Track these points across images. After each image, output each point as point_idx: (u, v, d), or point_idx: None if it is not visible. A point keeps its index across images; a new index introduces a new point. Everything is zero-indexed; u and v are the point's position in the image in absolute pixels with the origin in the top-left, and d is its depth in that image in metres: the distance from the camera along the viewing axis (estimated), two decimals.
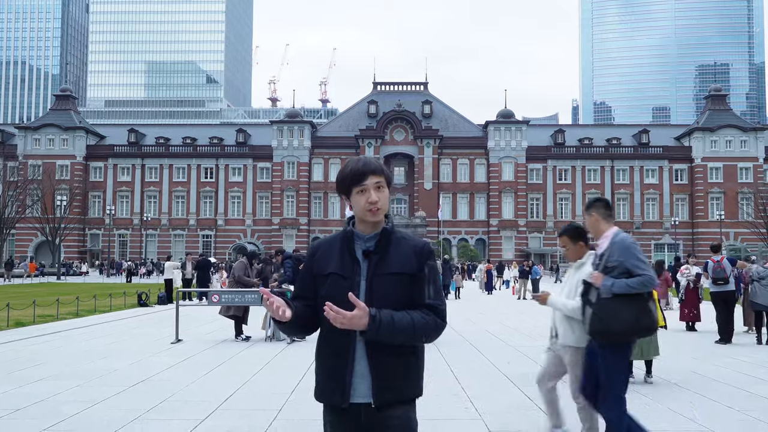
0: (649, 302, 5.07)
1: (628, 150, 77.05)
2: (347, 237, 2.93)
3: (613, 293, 4.96)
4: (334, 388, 2.86)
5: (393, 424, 2.84)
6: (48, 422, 6.74)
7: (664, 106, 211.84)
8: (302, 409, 7.39)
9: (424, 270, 2.91)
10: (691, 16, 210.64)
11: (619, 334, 4.99)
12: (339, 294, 2.81)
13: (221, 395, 8.11)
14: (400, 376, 2.87)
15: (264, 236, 76.54)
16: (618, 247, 5.11)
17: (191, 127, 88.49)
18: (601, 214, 5.43)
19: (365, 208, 2.88)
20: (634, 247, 5.14)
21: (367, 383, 2.82)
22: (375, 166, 2.92)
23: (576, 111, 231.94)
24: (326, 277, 2.89)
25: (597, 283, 5.06)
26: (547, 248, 75.50)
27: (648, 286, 4.98)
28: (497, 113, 77.62)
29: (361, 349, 2.83)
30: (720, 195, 74.11)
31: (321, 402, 2.96)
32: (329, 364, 2.89)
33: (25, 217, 64.98)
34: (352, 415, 2.85)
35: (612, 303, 4.97)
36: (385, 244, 2.89)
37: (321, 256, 2.95)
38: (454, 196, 76.52)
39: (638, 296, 5.00)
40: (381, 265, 2.86)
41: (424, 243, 2.98)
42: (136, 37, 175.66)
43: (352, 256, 2.89)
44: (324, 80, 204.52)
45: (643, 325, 5.00)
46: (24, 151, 75.41)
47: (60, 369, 10.11)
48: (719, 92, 79.69)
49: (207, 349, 12.61)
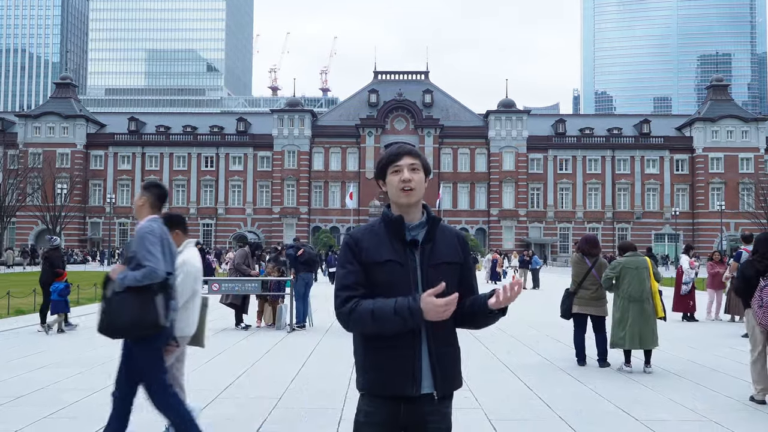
0: (158, 296, 4.67)
1: (629, 140, 76.91)
2: (396, 223, 2.86)
3: (126, 286, 4.62)
4: (403, 377, 2.79)
5: (434, 419, 2.85)
6: (49, 409, 6.75)
7: (666, 96, 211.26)
8: (302, 398, 7.41)
9: (468, 259, 2.99)
10: (693, 6, 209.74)
11: (123, 329, 4.67)
12: (398, 281, 2.80)
13: (221, 384, 8.13)
14: (455, 366, 2.94)
15: (264, 225, 76.55)
16: (136, 237, 4.78)
17: (191, 116, 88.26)
18: (151, 199, 4.99)
19: (398, 188, 2.87)
20: (149, 237, 4.72)
21: (426, 374, 2.82)
22: (410, 149, 2.95)
23: (577, 101, 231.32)
24: (382, 265, 2.83)
25: (113, 276, 4.71)
26: (548, 238, 75.55)
27: (153, 278, 4.61)
28: (498, 103, 77.44)
29: (423, 340, 2.83)
30: (721, 185, 74.03)
31: (379, 393, 2.84)
32: (395, 353, 2.80)
33: (26, 206, 64.90)
34: (392, 406, 2.82)
35: (122, 297, 4.64)
36: (433, 233, 2.89)
37: (368, 243, 2.87)
38: (455, 185, 76.44)
39: (146, 290, 4.63)
40: (434, 255, 2.85)
41: (461, 231, 3.01)
42: (137, 25, 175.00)
43: (404, 242, 2.86)
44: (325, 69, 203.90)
45: (147, 321, 4.62)
46: (24, 140, 75.31)
47: (61, 357, 10.13)
48: (721, 82, 79.46)
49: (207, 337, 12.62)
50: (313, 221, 76.16)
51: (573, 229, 74.99)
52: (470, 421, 6.44)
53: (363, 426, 2.87)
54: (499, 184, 75.65)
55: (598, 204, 76.29)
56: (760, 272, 7.37)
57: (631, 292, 9.24)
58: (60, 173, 71.12)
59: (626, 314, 9.21)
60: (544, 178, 76.52)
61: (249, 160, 77.33)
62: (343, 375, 8.62)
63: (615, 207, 76.07)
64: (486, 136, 76.17)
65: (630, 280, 9.28)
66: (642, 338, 9.14)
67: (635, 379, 8.74)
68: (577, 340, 9.83)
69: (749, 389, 7.66)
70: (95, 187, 77.15)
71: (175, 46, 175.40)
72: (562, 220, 76.25)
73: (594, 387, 8.18)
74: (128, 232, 76.71)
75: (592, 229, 73.30)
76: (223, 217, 77.24)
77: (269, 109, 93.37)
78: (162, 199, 5.07)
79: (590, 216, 75.98)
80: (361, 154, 76.15)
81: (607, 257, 12.85)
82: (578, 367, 9.59)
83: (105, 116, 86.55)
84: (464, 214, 75.96)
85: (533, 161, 76.67)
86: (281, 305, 14.24)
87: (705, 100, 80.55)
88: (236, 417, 6.59)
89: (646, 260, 9.54)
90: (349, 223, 70.99)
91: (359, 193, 72.58)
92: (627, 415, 6.79)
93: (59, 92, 79.72)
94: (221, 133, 78.15)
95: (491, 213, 75.84)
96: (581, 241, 10.23)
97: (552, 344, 12.02)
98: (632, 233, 73.28)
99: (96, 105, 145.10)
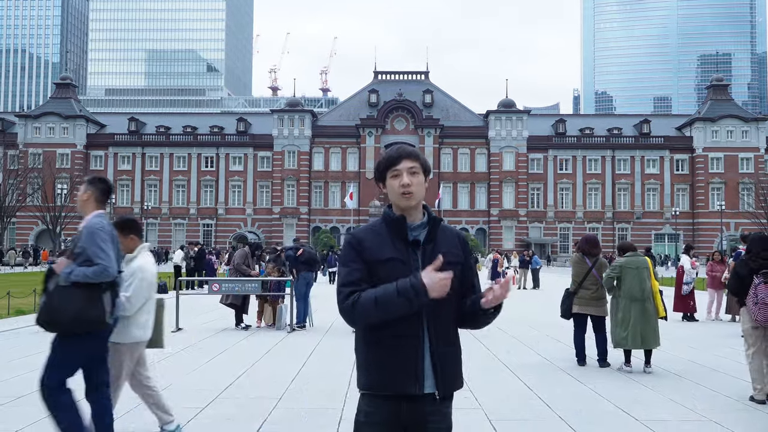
0: (105, 294, 4.65)
1: (629, 140, 76.92)
2: (398, 223, 2.88)
3: (71, 281, 4.55)
4: (407, 376, 2.78)
5: (435, 419, 2.84)
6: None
7: (666, 96, 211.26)
8: (302, 398, 7.41)
9: (469, 258, 3.00)
10: (693, 6, 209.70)
11: (64, 324, 4.59)
12: (401, 278, 2.78)
13: (221, 384, 8.13)
14: (456, 366, 2.94)
15: (264, 225, 76.55)
16: (85, 233, 4.69)
17: (192, 116, 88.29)
18: (96, 194, 4.93)
19: (398, 192, 2.88)
20: (100, 234, 4.65)
21: (428, 374, 2.82)
22: (410, 152, 2.94)
23: (577, 101, 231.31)
24: (384, 263, 2.83)
25: (58, 270, 4.62)
26: (548, 238, 75.56)
27: (104, 277, 4.58)
28: (498, 103, 77.45)
29: (426, 339, 2.82)
30: (721, 185, 74.03)
31: (381, 392, 2.83)
32: (398, 351, 2.80)
33: (26, 206, 64.86)
34: (393, 405, 2.81)
35: (65, 292, 4.56)
36: (434, 234, 2.91)
37: (371, 243, 2.88)
38: (455, 185, 76.45)
39: (95, 286, 4.60)
40: (435, 255, 2.83)
41: (461, 231, 3.01)
42: (137, 25, 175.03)
43: (406, 241, 2.87)
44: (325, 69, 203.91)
45: (92, 317, 4.58)
46: (24, 140, 75.33)
47: None
48: (721, 82, 79.47)
49: (207, 337, 12.63)
50: (313, 221, 76.18)
51: (573, 229, 75.01)
52: (470, 421, 6.44)
53: (363, 426, 2.85)
54: (499, 184, 75.65)
55: (598, 204, 76.29)
56: (753, 270, 7.43)
57: (632, 292, 9.25)
58: (60, 173, 71.08)
59: (628, 314, 9.21)
60: (544, 178, 76.52)
61: (249, 160, 77.33)
62: (344, 375, 8.62)
63: (615, 207, 76.07)
64: (486, 136, 76.16)
65: (631, 280, 9.29)
66: (644, 338, 9.15)
67: (635, 379, 8.73)
68: (577, 340, 9.83)
69: (749, 389, 7.66)
70: None
71: (175, 46, 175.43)
72: (562, 220, 76.26)
73: (594, 387, 8.18)
74: None
75: (592, 229, 73.32)
76: (223, 218, 77.23)
77: (269, 109, 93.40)
78: (106, 193, 5.00)
79: (590, 216, 75.98)
80: (361, 154, 76.14)
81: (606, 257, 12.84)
82: (578, 367, 9.59)
83: (105, 116, 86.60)
84: (464, 214, 75.95)
85: (533, 161, 76.66)
86: (281, 305, 14.23)
87: (705, 100, 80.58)
88: (236, 417, 6.59)
89: (646, 260, 9.55)
90: (349, 224, 70.99)
91: (359, 194, 72.58)
92: (627, 415, 6.79)
93: (59, 92, 79.74)
94: (221, 134, 78.15)
95: (491, 213, 75.84)
96: (581, 240, 10.24)
97: (552, 344, 12.02)
98: (632, 233, 73.27)
99: (96, 105, 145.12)
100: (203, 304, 18.61)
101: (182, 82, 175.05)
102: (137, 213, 75.76)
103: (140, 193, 76.93)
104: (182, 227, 76.82)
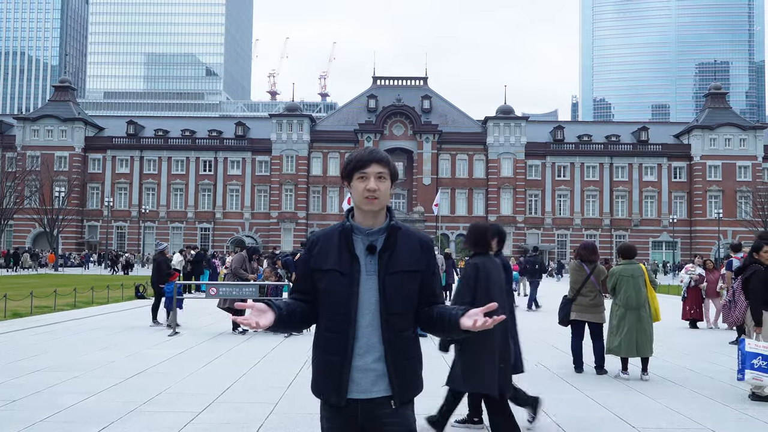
0: None
1: (627, 147, 76.98)
2: (346, 232, 2.87)
3: None
4: (330, 385, 2.80)
5: (392, 421, 2.80)
6: (45, 413, 6.73)
7: (664, 103, 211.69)
8: (298, 403, 7.40)
9: (431, 266, 2.93)
10: (691, 14, 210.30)
11: None
12: (338, 290, 2.80)
13: (218, 388, 8.11)
14: (413, 373, 2.88)
15: (262, 230, 76.48)
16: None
17: (190, 120, 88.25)
18: None
19: (363, 195, 2.84)
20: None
21: (370, 378, 2.78)
22: (380, 156, 2.89)
23: (575, 107, 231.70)
24: (324, 273, 2.84)
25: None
26: (546, 245, 75.55)
27: None
28: (496, 109, 77.51)
29: (364, 345, 2.78)
30: (718, 193, 74.11)
31: (317, 398, 2.90)
32: (325, 359, 2.83)
33: (23, 208, 64.79)
34: (350, 410, 2.80)
35: None
36: (393, 241, 2.85)
37: (319, 250, 2.88)
38: (453, 191, 76.47)
39: None
40: (392, 263, 2.81)
41: (427, 237, 2.96)
42: (136, 28, 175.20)
43: (351, 252, 2.83)
44: (323, 74, 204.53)
45: None
46: (22, 142, 75.24)
47: (57, 360, 10.10)
48: (719, 90, 79.56)
49: (204, 341, 12.61)
50: (311, 226, 76.06)
51: (571, 236, 75.04)
52: (466, 428, 6.42)
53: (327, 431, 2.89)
54: (497, 190, 75.69)
55: (596, 211, 76.34)
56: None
57: (628, 301, 9.27)
58: (58, 176, 71.09)
59: (623, 322, 9.24)
60: (542, 184, 76.57)
61: (247, 164, 77.29)
62: None
63: (613, 214, 76.11)
64: (484, 142, 76.23)
65: (627, 288, 9.32)
66: (638, 346, 9.16)
67: (632, 387, 8.73)
68: (575, 346, 9.82)
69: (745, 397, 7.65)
70: (93, 190, 77.05)
71: (174, 50, 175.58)
72: (559, 227, 76.29)
73: (591, 394, 8.17)
74: (126, 235, 76.73)
75: (589, 236, 73.35)
76: (220, 222, 77.16)
77: (268, 113, 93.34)
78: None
79: (588, 223, 76.03)
80: None
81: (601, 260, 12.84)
82: (575, 374, 9.59)
83: (103, 120, 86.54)
84: (462, 220, 75.89)
85: (531, 168, 76.72)
86: None
87: (703, 108, 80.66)
88: (233, 421, 6.57)
89: (641, 267, 9.56)
90: None
91: None
92: (624, 422, 6.78)
93: (58, 95, 79.69)
94: (220, 138, 78.14)
95: (489, 219, 75.80)
96: (580, 247, 10.24)
97: (549, 351, 12.01)
98: (630, 240, 73.21)
99: (94, 108, 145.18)
100: (200, 307, 18.59)
101: (181, 85, 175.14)
102: (135, 216, 75.76)
103: (138, 196, 76.82)
104: (180, 231, 76.71)
